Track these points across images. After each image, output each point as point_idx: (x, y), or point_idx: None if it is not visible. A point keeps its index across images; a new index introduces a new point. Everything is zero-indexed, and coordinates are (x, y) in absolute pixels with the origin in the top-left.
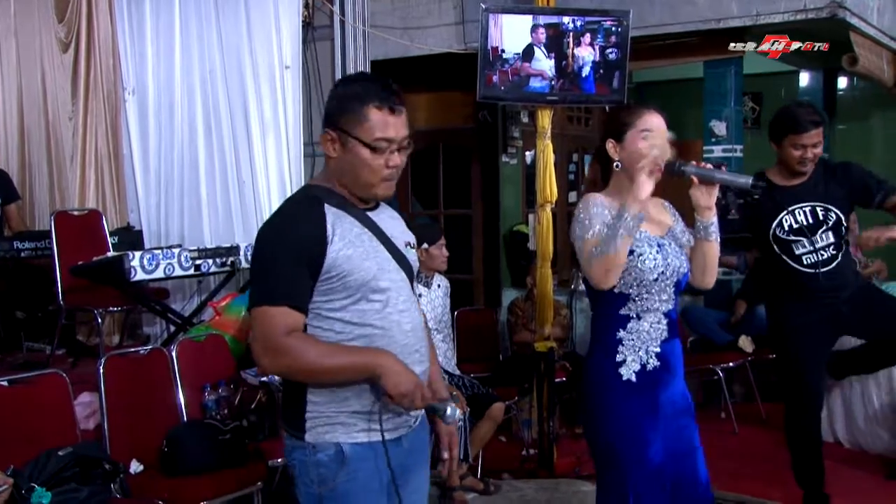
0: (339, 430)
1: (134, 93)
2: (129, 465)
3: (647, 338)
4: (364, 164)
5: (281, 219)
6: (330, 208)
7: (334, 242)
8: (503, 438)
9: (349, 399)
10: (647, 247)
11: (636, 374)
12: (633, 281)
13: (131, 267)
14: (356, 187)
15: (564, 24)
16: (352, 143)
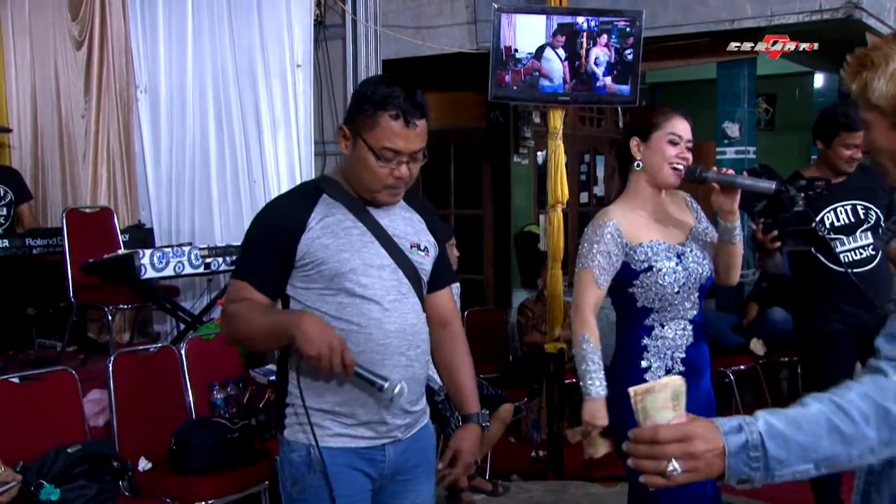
0: (316, 431)
1: (146, 91)
2: (138, 463)
3: (672, 345)
4: (368, 169)
5: (270, 204)
6: (326, 198)
7: (311, 230)
8: (512, 439)
9: (324, 394)
10: (666, 260)
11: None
12: (655, 296)
13: (141, 265)
14: (360, 188)
15: (579, 24)
16: (360, 144)
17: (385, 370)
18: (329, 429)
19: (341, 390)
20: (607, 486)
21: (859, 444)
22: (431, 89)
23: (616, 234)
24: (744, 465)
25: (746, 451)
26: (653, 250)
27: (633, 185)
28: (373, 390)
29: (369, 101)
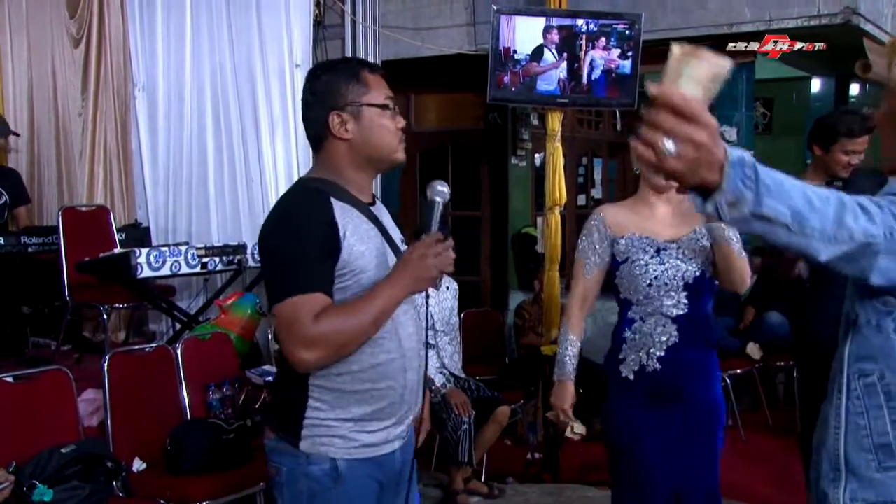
0: (338, 444)
1: (144, 89)
2: (132, 464)
3: (649, 341)
4: (383, 128)
5: (292, 211)
6: (336, 202)
7: (347, 237)
8: (508, 442)
9: (351, 406)
10: (642, 253)
11: (634, 373)
12: (630, 286)
13: (138, 264)
14: (377, 159)
15: (578, 26)
16: (365, 111)
17: (410, 374)
18: (354, 440)
19: (370, 400)
20: (603, 489)
21: (820, 216)
22: (430, 90)
23: (601, 226)
24: (740, 180)
25: (743, 167)
26: (631, 243)
27: (640, 186)
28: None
29: (345, 75)
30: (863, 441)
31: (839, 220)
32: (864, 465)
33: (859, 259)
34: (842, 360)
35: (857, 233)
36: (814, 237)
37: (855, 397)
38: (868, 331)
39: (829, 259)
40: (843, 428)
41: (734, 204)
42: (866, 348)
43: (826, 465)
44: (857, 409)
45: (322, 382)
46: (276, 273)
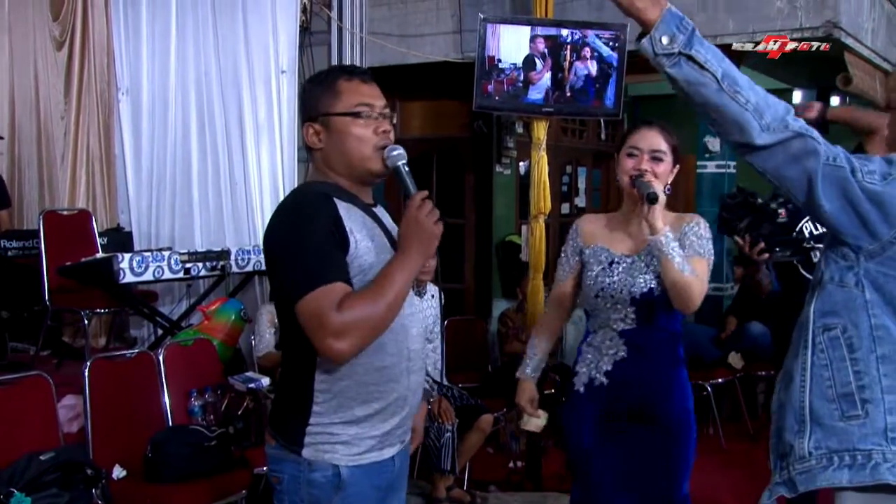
0: (340, 451)
1: (128, 93)
2: (112, 471)
3: (599, 354)
4: (352, 137)
5: (298, 209)
6: (340, 202)
7: (353, 232)
8: (490, 450)
9: (354, 408)
10: (596, 265)
11: (584, 386)
12: (584, 296)
13: (120, 269)
14: (351, 168)
15: (563, 36)
16: (334, 121)
17: (413, 375)
18: (356, 446)
19: (373, 403)
20: None
21: (756, 96)
22: (415, 98)
23: (575, 234)
24: (675, 25)
25: (682, 19)
26: (593, 254)
27: (623, 201)
28: None
29: (320, 85)
30: (826, 392)
31: (778, 112)
32: (827, 414)
33: (801, 158)
34: (807, 319)
35: (794, 125)
36: (748, 110)
37: (819, 350)
38: (831, 287)
39: (766, 144)
40: (808, 381)
41: (666, 43)
42: (830, 304)
43: (791, 419)
44: (822, 361)
45: (326, 387)
46: (289, 271)
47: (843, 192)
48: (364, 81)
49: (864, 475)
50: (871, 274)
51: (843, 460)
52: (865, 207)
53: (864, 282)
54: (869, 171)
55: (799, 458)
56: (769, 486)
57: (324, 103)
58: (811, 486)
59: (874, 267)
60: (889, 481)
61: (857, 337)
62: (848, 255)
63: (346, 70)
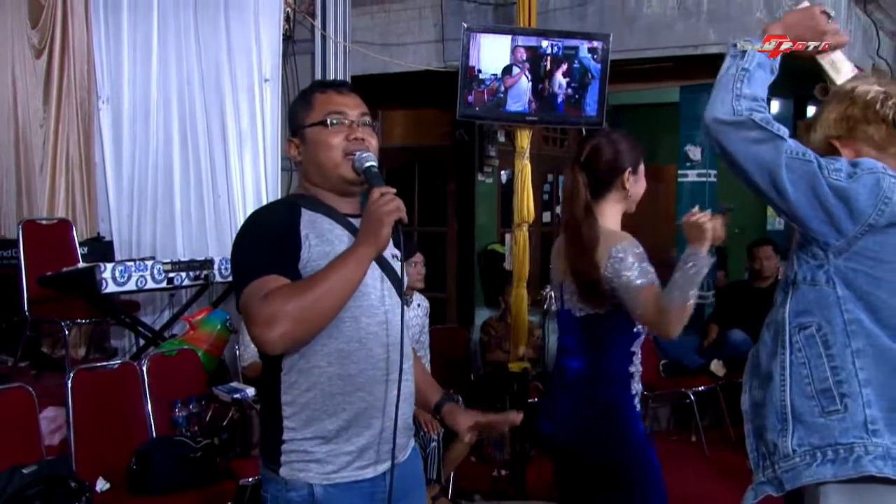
0: (315, 469)
1: (108, 101)
2: (96, 484)
3: (639, 372)
4: (323, 145)
5: (257, 218)
6: (306, 210)
7: (310, 238)
8: (473, 459)
9: (325, 421)
10: None
11: (639, 402)
12: None
13: (103, 278)
14: (325, 177)
15: (542, 47)
16: (307, 132)
17: (388, 385)
18: (331, 463)
19: (343, 414)
20: None
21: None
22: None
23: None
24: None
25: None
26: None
27: (610, 212)
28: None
29: (298, 101)
30: (806, 389)
31: (753, 105)
32: (808, 411)
33: (765, 142)
34: (782, 319)
35: (758, 118)
36: (734, 91)
37: (797, 349)
38: (804, 287)
39: (725, 120)
40: (787, 380)
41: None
42: (804, 303)
43: (773, 418)
44: (800, 360)
45: (292, 398)
46: (234, 271)
47: (811, 185)
48: (339, 92)
49: (847, 469)
50: (840, 271)
51: (826, 455)
52: (832, 202)
53: (834, 279)
54: (835, 169)
55: (783, 456)
56: (752, 486)
57: (300, 117)
58: (797, 483)
59: (843, 263)
60: (872, 472)
61: (831, 333)
62: (817, 253)
63: (324, 83)
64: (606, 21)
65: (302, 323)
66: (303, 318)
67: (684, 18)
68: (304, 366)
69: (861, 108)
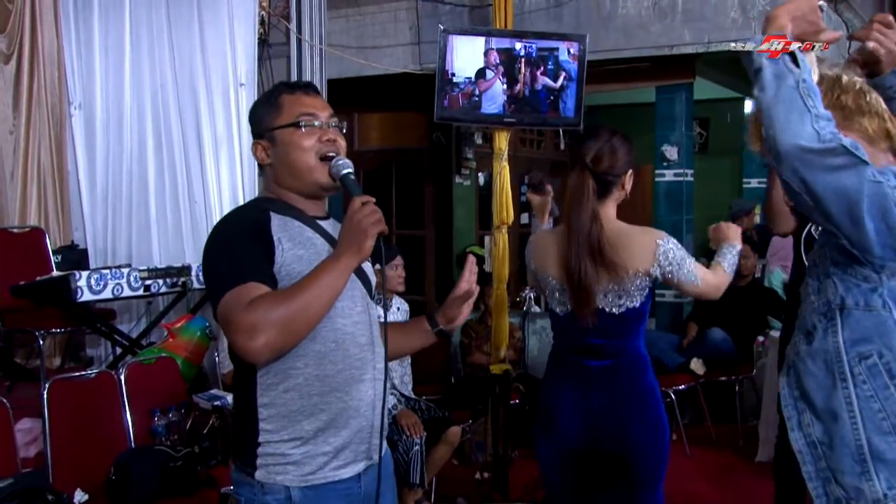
0: (292, 472)
1: (80, 107)
2: (74, 495)
3: None
4: (296, 148)
5: (228, 222)
6: (275, 214)
7: (282, 241)
8: (455, 461)
9: (302, 422)
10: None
11: None
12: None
13: (78, 287)
14: (298, 180)
15: (516, 49)
16: (278, 135)
17: (362, 385)
18: (308, 465)
19: (320, 415)
20: None
21: (817, 95)
22: (374, 110)
23: None
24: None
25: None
26: None
27: (613, 212)
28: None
29: (263, 103)
30: (882, 424)
31: (831, 125)
32: (888, 448)
33: (849, 168)
34: (837, 349)
35: (844, 141)
36: (810, 112)
37: (861, 382)
38: (858, 313)
39: (813, 148)
40: (858, 416)
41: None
42: (860, 331)
43: (848, 460)
44: (867, 393)
45: (269, 401)
46: (210, 279)
47: (882, 208)
48: (306, 93)
49: None
50: (895, 292)
51: None
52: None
53: (889, 302)
54: (893, 187)
55: (874, 501)
56: None
57: (268, 119)
58: None
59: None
60: None
61: (895, 360)
62: (869, 276)
63: (289, 85)
64: (582, 22)
65: (287, 333)
66: (287, 327)
67: (660, 19)
68: (280, 367)
69: (854, 98)
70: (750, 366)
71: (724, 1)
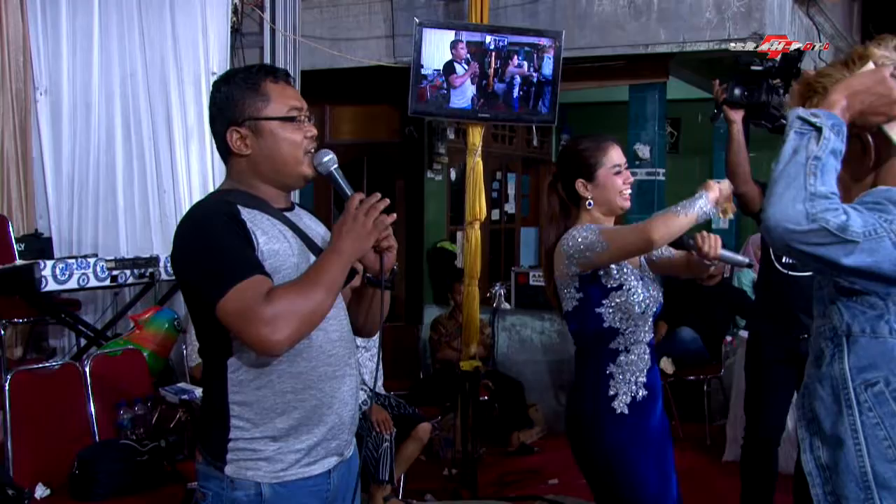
0: (263, 468)
1: (47, 93)
2: (35, 490)
3: (635, 369)
4: (285, 141)
5: (201, 216)
6: (243, 209)
7: (257, 235)
8: (423, 458)
9: (274, 419)
10: (635, 280)
11: (628, 406)
12: (624, 315)
13: (42, 276)
14: (280, 173)
15: (487, 42)
16: (265, 125)
17: (335, 381)
18: (280, 461)
19: (293, 412)
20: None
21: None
22: (346, 102)
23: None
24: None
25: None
26: (622, 269)
27: (588, 220)
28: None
29: (243, 88)
30: (887, 452)
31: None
32: (893, 476)
33: (833, 245)
34: (843, 376)
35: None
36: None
37: (867, 409)
38: (864, 339)
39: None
40: (863, 444)
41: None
42: (866, 357)
43: (853, 487)
44: (873, 420)
45: (241, 398)
46: (203, 275)
47: (890, 260)
48: (289, 84)
49: None
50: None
51: None
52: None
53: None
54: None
55: None
56: None
57: (251, 106)
58: None
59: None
60: None
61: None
62: (875, 303)
63: (269, 71)
64: (558, 19)
65: (308, 325)
66: (309, 320)
67: (635, 18)
68: (252, 364)
69: None
70: (718, 365)
71: (700, 1)
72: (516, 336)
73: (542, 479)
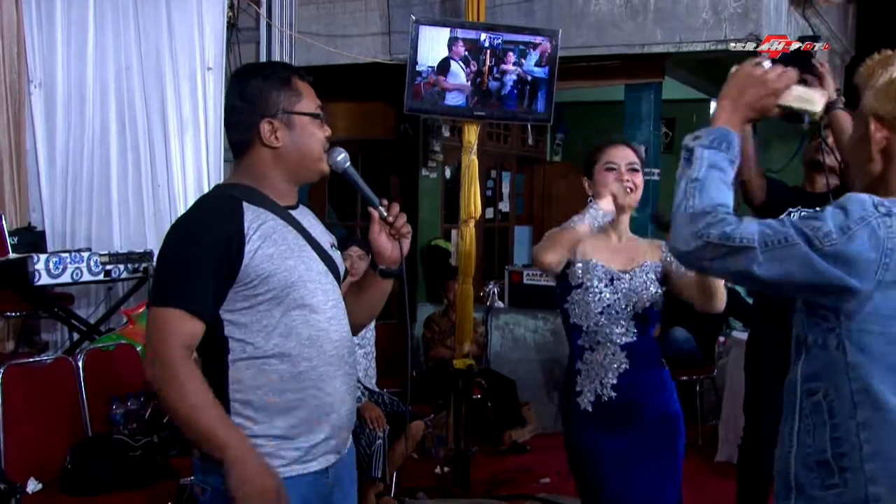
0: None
1: (41, 85)
2: (27, 485)
3: (601, 370)
4: (313, 137)
5: (193, 217)
6: (249, 206)
7: (252, 241)
8: (415, 456)
9: (274, 419)
10: (597, 280)
11: (591, 404)
12: (582, 313)
13: (36, 270)
14: (304, 167)
15: (482, 40)
16: (297, 119)
17: (336, 381)
18: (281, 457)
19: (295, 412)
20: (515, 503)
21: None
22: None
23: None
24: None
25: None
26: (587, 269)
27: None
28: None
29: (277, 80)
30: (807, 459)
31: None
32: (808, 482)
33: (731, 255)
34: (794, 382)
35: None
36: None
37: (805, 416)
38: (815, 350)
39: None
40: (794, 447)
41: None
42: (813, 367)
43: (780, 483)
44: (806, 427)
45: (242, 397)
46: (163, 275)
47: (806, 266)
48: (309, 83)
49: None
50: (852, 334)
51: None
52: (833, 273)
53: (845, 343)
54: (825, 234)
55: None
56: None
57: (285, 100)
58: None
59: (855, 326)
60: None
61: (838, 401)
62: (828, 316)
63: (293, 69)
64: (554, 18)
65: (165, 393)
66: (167, 399)
67: (632, 17)
68: (253, 363)
69: None
70: (711, 366)
71: (696, 1)
72: (510, 334)
73: (534, 477)
